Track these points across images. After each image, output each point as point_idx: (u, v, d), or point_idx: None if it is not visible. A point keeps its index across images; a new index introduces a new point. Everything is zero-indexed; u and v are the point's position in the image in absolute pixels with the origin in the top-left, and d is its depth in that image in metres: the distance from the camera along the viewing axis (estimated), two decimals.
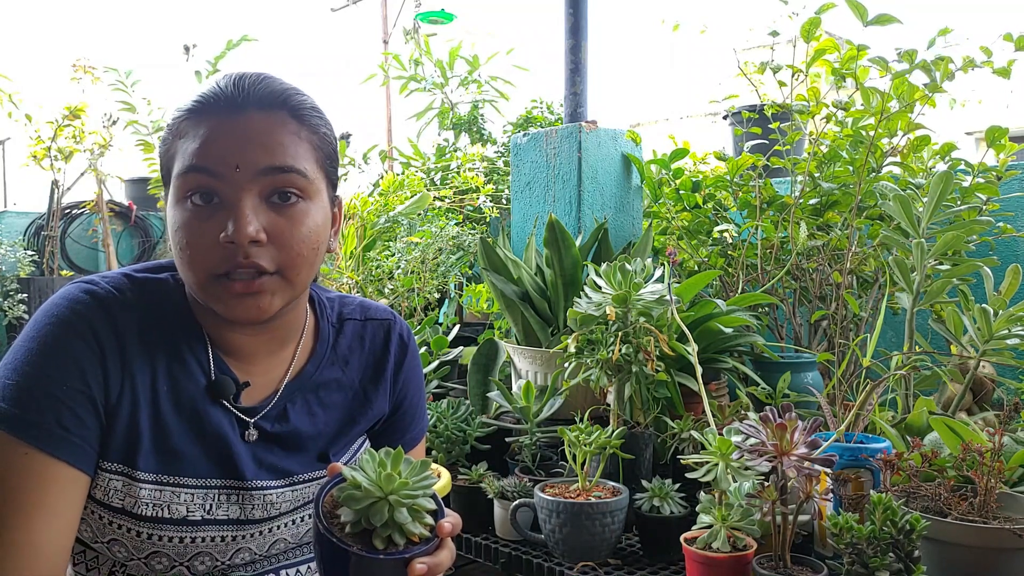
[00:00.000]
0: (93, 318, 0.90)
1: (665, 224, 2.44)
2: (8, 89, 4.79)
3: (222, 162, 0.86)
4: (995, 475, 1.20)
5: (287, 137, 0.90)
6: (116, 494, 0.91)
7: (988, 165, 2.02)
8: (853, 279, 2.12)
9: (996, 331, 1.63)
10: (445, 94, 3.80)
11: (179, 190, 0.89)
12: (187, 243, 0.88)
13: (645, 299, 1.59)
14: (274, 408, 1.00)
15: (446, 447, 1.85)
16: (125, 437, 0.91)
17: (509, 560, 1.58)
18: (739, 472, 1.29)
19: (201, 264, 0.88)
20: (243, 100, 0.89)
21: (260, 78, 0.92)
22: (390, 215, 2.90)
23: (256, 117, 0.89)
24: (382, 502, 0.77)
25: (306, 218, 0.91)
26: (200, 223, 0.87)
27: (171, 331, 0.96)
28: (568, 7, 2.55)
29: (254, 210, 0.87)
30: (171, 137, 0.92)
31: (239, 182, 0.87)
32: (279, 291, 0.91)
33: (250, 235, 0.86)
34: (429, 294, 2.70)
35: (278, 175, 0.88)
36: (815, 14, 1.99)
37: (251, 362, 1.00)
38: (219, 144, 0.87)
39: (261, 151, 0.88)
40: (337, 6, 9.73)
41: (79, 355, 0.88)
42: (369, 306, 1.14)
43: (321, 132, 0.95)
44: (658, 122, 12.67)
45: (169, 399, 0.93)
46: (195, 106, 0.90)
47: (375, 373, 1.10)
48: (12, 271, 4.73)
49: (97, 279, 0.95)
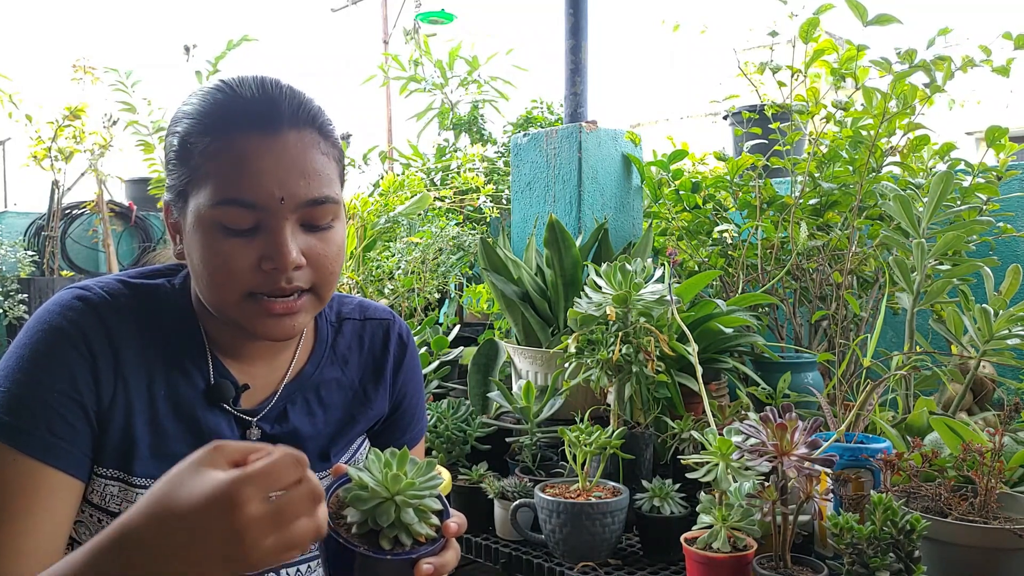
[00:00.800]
0: (85, 324, 0.90)
1: (665, 224, 2.44)
2: (8, 89, 4.79)
3: (268, 195, 0.85)
4: (995, 475, 1.20)
5: (321, 161, 0.89)
6: (112, 499, 0.91)
7: (988, 165, 2.02)
8: (853, 279, 2.12)
9: (996, 331, 1.63)
10: (445, 94, 3.81)
11: (211, 217, 0.86)
12: (220, 267, 0.87)
13: (645, 299, 1.59)
14: (273, 409, 1.00)
15: (446, 447, 1.85)
16: (120, 443, 0.90)
17: (509, 560, 1.58)
18: (739, 472, 1.29)
19: (237, 287, 0.88)
20: (277, 117, 0.87)
21: (288, 91, 0.90)
22: (390, 215, 2.90)
23: (292, 139, 0.87)
24: (388, 503, 0.77)
25: (338, 237, 0.93)
26: (236, 248, 0.87)
27: (168, 335, 0.95)
28: (568, 7, 2.55)
29: (293, 236, 0.88)
30: (193, 152, 0.88)
31: (281, 213, 0.86)
32: (310, 308, 0.92)
33: (295, 262, 0.87)
34: (429, 294, 2.71)
35: (318, 206, 0.89)
36: (813, 15, 1.99)
37: (251, 365, 1.00)
38: (261, 173, 0.85)
39: (303, 182, 0.87)
40: (337, 6, 9.74)
41: (70, 362, 0.88)
42: (368, 306, 1.14)
43: (339, 145, 0.95)
44: (658, 122, 12.67)
45: (167, 404, 0.93)
46: (221, 120, 0.88)
47: (374, 373, 1.10)
48: (12, 271, 4.72)
49: (91, 284, 0.94)
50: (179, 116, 0.92)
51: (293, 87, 0.92)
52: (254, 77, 0.91)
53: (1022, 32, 1.79)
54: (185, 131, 0.90)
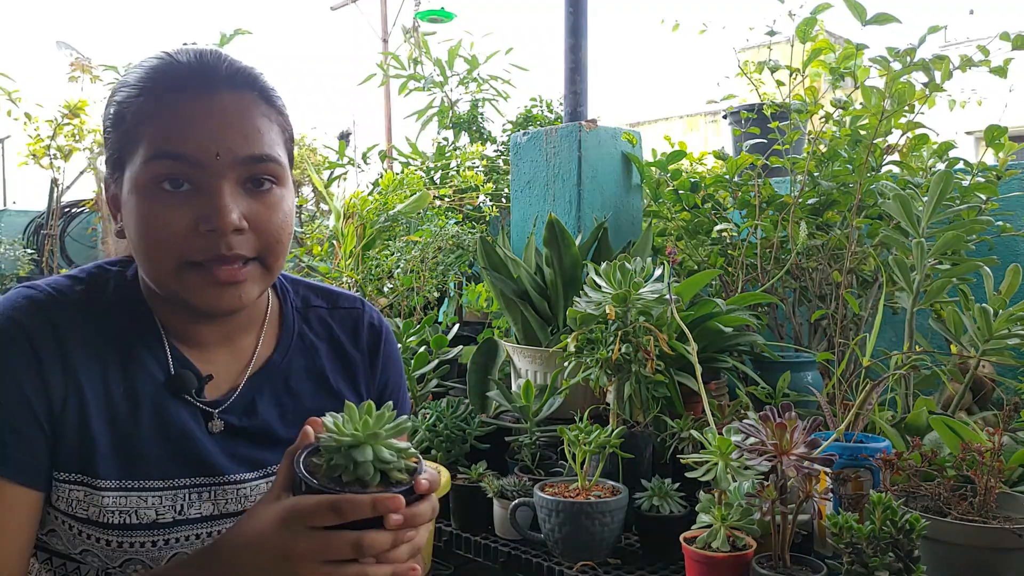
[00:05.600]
0: (29, 325, 0.86)
1: (664, 224, 2.44)
2: (8, 87, 4.78)
3: (201, 149, 0.83)
4: (995, 475, 1.20)
5: (261, 121, 0.87)
6: (79, 504, 0.87)
7: (987, 164, 2.02)
8: (853, 278, 2.12)
9: (996, 331, 1.63)
10: (445, 93, 3.80)
11: (145, 176, 0.84)
12: (156, 232, 0.84)
13: (645, 298, 1.59)
14: (240, 400, 0.97)
15: (446, 446, 1.85)
16: (78, 445, 0.87)
17: (508, 559, 1.58)
18: (739, 471, 1.28)
19: (173, 253, 0.84)
20: (214, 78, 0.85)
21: (223, 55, 0.88)
22: (390, 214, 2.90)
23: (229, 98, 0.85)
24: (364, 445, 0.76)
25: (282, 203, 0.89)
26: (171, 210, 0.83)
27: (122, 328, 0.92)
28: (568, 6, 2.55)
29: (232, 197, 0.84)
30: (127, 115, 0.86)
31: (218, 170, 0.83)
32: (258, 279, 0.89)
33: (233, 223, 0.83)
34: (429, 293, 2.70)
35: (257, 164, 0.86)
36: (811, 14, 1.99)
37: (213, 352, 0.96)
38: (195, 129, 0.83)
39: (240, 138, 0.84)
40: (336, 5, 9.73)
41: (15, 366, 0.84)
42: (336, 294, 1.10)
43: (285, 113, 0.93)
44: (658, 121, 12.68)
45: (126, 400, 0.89)
46: (157, 83, 0.85)
47: (345, 368, 1.06)
48: (11, 270, 4.72)
49: (39, 282, 0.91)
50: (117, 86, 0.90)
51: (234, 58, 0.89)
52: (194, 47, 0.89)
53: (1020, 32, 1.79)
54: (121, 99, 0.87)
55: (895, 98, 1.91)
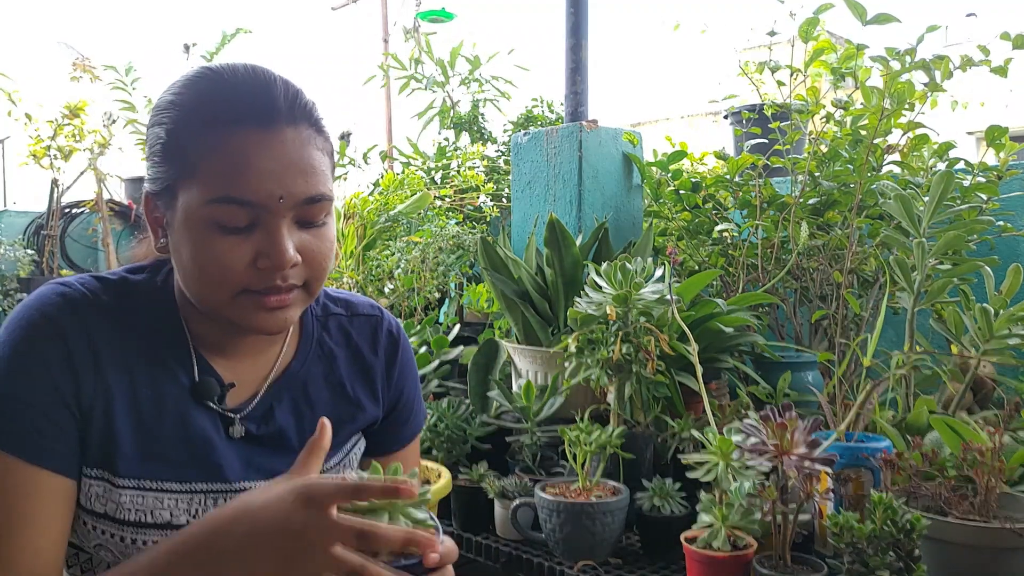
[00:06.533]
0: (63, 320, 0.87)
1: (665, 224, 2.44)
2: (8, 87, 4.78)
3: (267, 195, 0.84)
4: (995, 474, 1.20)
5: (317, 158, 0.88)
6: (97, 499, 0.89)
7: (988, 164, 2.02)
8: (854, 279, 2.12)
9: (997, 331, 1.63)
10: (447, 93, 3.80)
11: (206, 216, 0.84)
12: (214, 266, 0.85)
13: (645, 299, 1.59)
14: (259, 407, 0.98)
15: (446, 447, 1.85)
16: (101, 442, 0.88)
17: (510, 559, 1.58)
18: (739, 471, 1.29)
19: (231, 285, 0.86)
20: (274, 113, 0.85)
21: (282, 82, 0.88)
22: (390, 214, 2.90)
23: (289, 135, 0.86)
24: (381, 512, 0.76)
25: (330, 233, 0.91)
26: (231, 248, 0.85)
27: (151, 333, 0.93)
28: (569, 6, 2.55)
29: (289, 232, 0.86)
30: (181, 142, 0.86)
31: (279, 210, 0.85)
32: (300, 303, 0.91)
33: (292, 260, 0.86)
34: (429, 294, 2.70)
35: (315, 204, 0.87)
36: (813, 14, 1.99)
37: (237, 361, 0.98)
38: (258, 172, 0.83)
39: (301, 180, 0.86)
40: (337, 4, 9.74)
41: (49, 359, 0.86)
42: (355, 302, 1.11)
43: (330, 139, 0.94)
44: (659, 122, 12.68)
45: (151, 404, 0.91)
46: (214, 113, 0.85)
47: (364, 376, 1.07)
48: (12, 270, 4.72)
49: (71, 280, 0.92)
50: (164, 105, 0.89)
51: (285, 78, 0.90)
52: (244, 65, 0.88)
53: (1020, 32, 1.79)
54: (173, 123, 0.87)
55: (895, 97, 1.91)
